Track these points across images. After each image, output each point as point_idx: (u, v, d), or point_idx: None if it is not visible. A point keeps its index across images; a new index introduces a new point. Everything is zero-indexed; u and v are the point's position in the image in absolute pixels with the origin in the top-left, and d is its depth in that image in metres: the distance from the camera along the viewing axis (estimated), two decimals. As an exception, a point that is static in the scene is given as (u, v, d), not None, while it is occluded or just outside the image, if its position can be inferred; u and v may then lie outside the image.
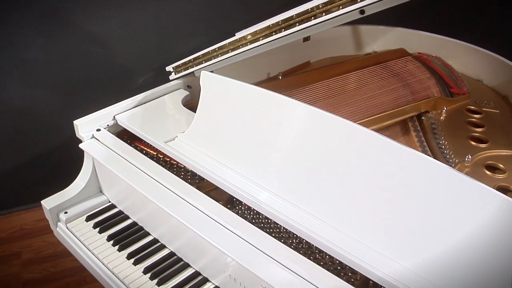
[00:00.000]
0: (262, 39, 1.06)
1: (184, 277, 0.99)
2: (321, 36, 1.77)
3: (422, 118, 1.38)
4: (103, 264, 1.05)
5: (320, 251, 0.87)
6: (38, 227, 2.01)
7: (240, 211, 1.00)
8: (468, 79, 1.66)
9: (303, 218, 0.87)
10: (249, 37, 1.09)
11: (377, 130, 1.30)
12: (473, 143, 1.27)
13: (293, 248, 0.85)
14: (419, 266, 0.75)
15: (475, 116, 1.40)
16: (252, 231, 0.89)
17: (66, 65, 1.90)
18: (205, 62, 1.22)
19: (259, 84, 1.44)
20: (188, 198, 0.98)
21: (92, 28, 1.86)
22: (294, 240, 0.92)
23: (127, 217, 1.17)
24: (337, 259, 0.83)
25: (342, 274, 0.84)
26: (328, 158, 0.87)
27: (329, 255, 0.84)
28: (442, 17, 2.23)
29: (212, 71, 1.34)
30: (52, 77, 1.90)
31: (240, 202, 1.00)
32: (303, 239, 0.89)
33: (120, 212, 1.18)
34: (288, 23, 1.00)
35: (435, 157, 1.20)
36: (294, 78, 1.52)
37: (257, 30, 1.07)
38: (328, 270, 0.81)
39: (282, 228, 0.94)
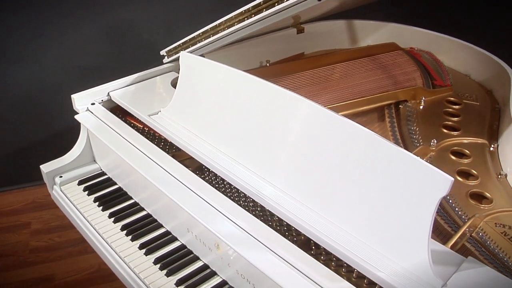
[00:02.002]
0: (236, 24, 1.16)
1: (157, 234, 1.09)
2: (315, 30, 1.85)
3: (400, 106, 1.43)
4: (87, 221, 1.17)
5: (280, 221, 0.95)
6: (48, 201, 2.15)
7: (207, 177, 1.09)
8: (457, 74, 1.70)
9: (259, 184, 0.95)
10: (225, 22, 1.19)
11: (354, 116, 1.39)
12: (445, 130, 1.31)
13: (247, 209, 0.94)
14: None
15: (454, 106, 1.44)
16: (211, 191, 0.98)
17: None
18: (191, 46, 1.32)
19: (247, 71, 1.54)
20: (163, 164, 1.08)
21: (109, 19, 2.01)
22: (248, 202, 1.00)
23: (114, 183, 1.28)
24: (284, 221, 0.91)
25: (287, 234, 0.92)
26: (287, 133, 0.95)
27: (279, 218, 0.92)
28: (435, 14, 2.26)
29: (203, 56, 1.45)
30: (69, 61, 2.05)
31: (208, 170, 1.09)
32: (258, 203, 0.97)
33: (108, 179, 1.30)
34: (257, 9, 1.09)
35: (402, 141, 1.27)
36: (281, 66, 1.60)
37: (232, 16, 1.17)
38: (275, 229, 0.90)
39: (240, 192, 1.02)
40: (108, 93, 1.35)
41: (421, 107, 1.44)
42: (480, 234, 0.96)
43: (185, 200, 0.97)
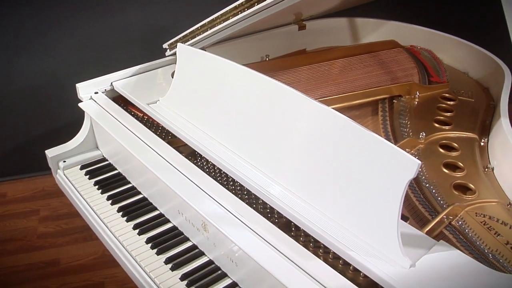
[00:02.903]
0: (231, 18, 1.20)
1: (151, 216, 1.15)
2: (317, 27, 1.88)
3: (394, 101, 1.46)
4: (87, 203, 1.23)
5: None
6: (57, 190, 2.21)
7: (199, 163, 1.14)
8: (455, 71, 1.71)
9: (244, 167, 1.00)
10: (221, 16, 1.23)
11: (349, 109, 1.42)
12: (436, 125, 1.34)
13: (234, 193, 0.99)
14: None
15: (448, 102, 1.46)
16: (201, 176, 1.03)
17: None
18: (191, 40, 1.38)
19: (247, 64, 1.58)
20: (158, 150, 1.14)
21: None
22: (236, 186, 1.05)
23: (114, 169, 1.34)
24: (268, 204, 0.95)
25: (270, 216, 0.97)
26: (270, 120, 0.99)
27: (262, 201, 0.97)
28: (436, 12, 2.27)
29: (204, 49, 1.50)
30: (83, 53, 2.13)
31: (200, 156, 1.14)
32: (244, 187, 1.01)
33: (109, 164, 1.36)
34: (250, 3, 1.13)
35: (393, 134, 1.30)
36: (280, 60, 1.64)
37: (227, 10, 1.22)
38: (259, 212, 0.94)
39: (229, 177, 1.07)
40: (111, 83, 1.42)
41: (415, 102, 1.47)
42: (460, 222, 0.98)
43: (176, 183, 1.02)
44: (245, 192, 1.02)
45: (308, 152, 0.90)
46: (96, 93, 1.39)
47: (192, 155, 1.16)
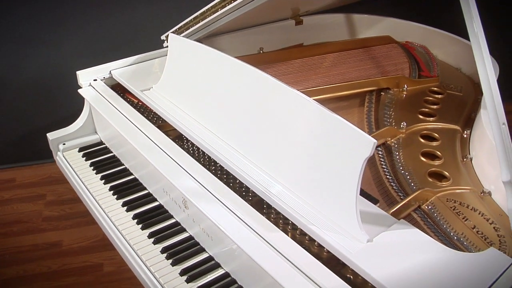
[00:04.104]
0: (220, 10, 1.26)
1: (139, 194, 1.21)
2: (314, 22, 1.92)
3: (381, 93, 1.50)
4: (82, 183, 1.30)
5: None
6: (63, 176, 2.33)
7: (185, 145, 1.20)
8: (448, 67, 1.74)
9: (221, 147, 1.06)
10: (211, 8, 1.30)
11: (337, 100, 1.46)
12: (420, 116, 1.37)
13: (215, 174, 1.04)
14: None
15: (436, 96, 1.49)
16: (186, 158, 1.09)
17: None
18: (185, 31, 1.44)
19: (241, 56, 1.63)
20: (147, 133, 1.20)
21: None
22: (217, 168, 1.11)
23: (109, 151, 1.41)
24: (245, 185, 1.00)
25: (244, 194, 1.02)
26: (243, 101, 1.05)
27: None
28: (432, 9, 2.29)
29: (200, 42, 1.56)
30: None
31: (187, 139, 1.20)
32: (224, 169, 1.07)
33: (105, 148, 1.43)
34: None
35: (376, 124, 1.33)
36: (274, 53, 1.69)
37: (215, 3, 1.28)
38: (234, 190, 1.00)
39: (211, 159, 1.13)
40: (110, 71, 1.49)
41: (403, 95, 1.50)
42: (430, 207, 1.02)
43: (160, 162, 1.09)
44: (224, 173, 1.08)
45: (276, 132, 0.96)
46: (95, 80, 1.46)
47: (179, 138, 1.22)
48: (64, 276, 1.81)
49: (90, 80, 1.46)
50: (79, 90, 1.44)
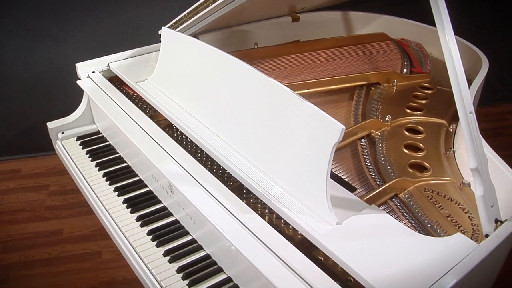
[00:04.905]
0: (211, 5, 1.31)
1: (131, 181, 1.26)
2: (310, 19, 1.96)
3: (371, 88, 1.53)
4: (78, 170, 1.36)
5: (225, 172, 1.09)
6: (67, 167, 2.42)
7: (174, 134, 1.25)
8: (441, 64, 1.75)
9: (206, 135, 1.10)
10: (203, 3, 1.34)
11: (328, 94, 1.49)
12: (408, 110, 1.40)
13: (200, 161, 1.09)
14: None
15: (425, 91, 1.51)
16: (169, 142, 1.15)
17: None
18: (180, 26, 1.49)
19: (237, 51, 1.67)
20: (140, 123, 1.25)
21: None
22: (203, 156, 1.15)
23: (105, 141, 1.46)
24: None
25: (226, 180, 1.06)
26: (224, 92, 1.09)
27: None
28: (427, 8, 2.30)
29: (197, 37, 1.61)
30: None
31: (177, 129, 1.25)
32: (209, 156, 1.11)
33: (101, 137, 1.49)
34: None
35: (362, 116, 1.36)
36: (268, 48, 1.72)
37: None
38: (216, 176, 1.04)
39: (198, 147, 1.17)
40: (108, 64, 1.54)
41: (393, 90, 1.52)
42: (407, 195, 1.05)
43: (148, 148, 1.14)
44: (209, 160, 1.12)
45: (255, 120, 1.01)
46: (93, 72, 1.52)
47: (170, 127, 1.27)
48: (64, 262, 1.87)
49: (89, 72, 1.52)
50: (77, 82, 1.50)
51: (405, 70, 1.62)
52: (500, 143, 2.57)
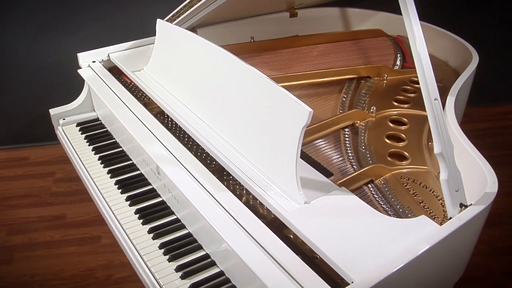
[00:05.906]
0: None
1: (123, 164, 1.33)
2: (308, 15, 2.00)
3: (361, 81, 1.56)
4: (76, 153, 1.43)
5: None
6: (73, 156, 2.50)
7: (165, 121, 1.31)
8: (435, 60, 1.78)
9: (194, 120, 1.16)
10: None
11: (319, 86, 1.53)
12: (394, 103, 1.43)
13: (185, 145, 1.15)
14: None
15: (415, 85, 1.54)
16: (159, 127, 1.20)
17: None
18: (177, 19, 1.55)
19: (233, 45, 1.72)
20: (134, 110, 1.31)
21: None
22: (189, 140, 1.20)
23: (103, 127, 1.53)
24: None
25: (208, 162, 1.11)
26: (211, 80, 1.14)
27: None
28: (422, 5, 2.32)
29: (196, 30, 1.67)
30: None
31: (167, 115, 1.31)
32: (195, 141, 1.16)
33: (100, 123, 1.56)
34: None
35: (349, 108, 1.40)
36: (263, 42, 1.77)
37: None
38: (199, 159, 1.09)
39: (185, 133, 1.22)
40: (108, 54, 1.61)
41: (383, 83, 1.56)
42: (382, 182, 1.09)
43: (138, 132, 1.20)
44: (194, 145, 1.18)
45: (233, 103, 1.06)
46: (93, 62, 1.59)
47: (161, 114, 1.33)
48: (65, 245, 1.95)
49: (90, 62, 1.59)
50: (78, 70, 1.57)
51: (397, 65, 1.65)
52: (502, 142, 2.57)
